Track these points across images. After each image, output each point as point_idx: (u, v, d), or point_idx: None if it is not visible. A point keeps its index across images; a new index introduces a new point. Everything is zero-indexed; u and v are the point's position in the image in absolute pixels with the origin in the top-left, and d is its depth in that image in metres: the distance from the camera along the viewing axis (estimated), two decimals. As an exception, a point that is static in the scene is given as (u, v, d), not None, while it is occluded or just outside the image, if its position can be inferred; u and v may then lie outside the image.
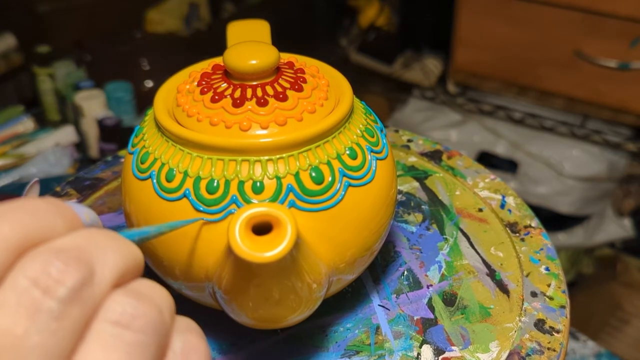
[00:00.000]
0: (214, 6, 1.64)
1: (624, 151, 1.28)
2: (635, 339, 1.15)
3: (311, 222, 0.35)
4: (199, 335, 0.21)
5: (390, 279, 0.46)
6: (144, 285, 0.20)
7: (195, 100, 0.38)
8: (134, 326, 0.19)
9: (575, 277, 1.30)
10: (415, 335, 0.41)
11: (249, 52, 0.37)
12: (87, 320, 0.18)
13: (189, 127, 0.36)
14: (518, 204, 0.52)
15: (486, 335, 0.41)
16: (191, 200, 0.34)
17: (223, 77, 0.38)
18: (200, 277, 0.36)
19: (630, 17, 1.12)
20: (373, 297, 0.44)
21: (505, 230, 0.50)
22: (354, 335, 0.42)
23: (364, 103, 0.42)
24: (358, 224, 0.37)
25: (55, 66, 1.32)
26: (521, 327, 0.41)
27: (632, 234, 1.31)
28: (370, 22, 1.60)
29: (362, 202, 0.37)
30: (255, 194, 0.34)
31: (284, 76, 0.38)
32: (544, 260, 0.46)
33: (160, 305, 0.20)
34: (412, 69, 1.49)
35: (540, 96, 1.30)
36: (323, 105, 0.38)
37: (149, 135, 0.38)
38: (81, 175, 0.56)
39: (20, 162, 1.14)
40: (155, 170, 0.36)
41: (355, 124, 0.38)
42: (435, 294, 0.44)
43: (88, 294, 0.18)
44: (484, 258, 0.47)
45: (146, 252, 0.38)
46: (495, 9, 1.25)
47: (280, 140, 0.35)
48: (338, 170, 0.36)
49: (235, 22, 0.44)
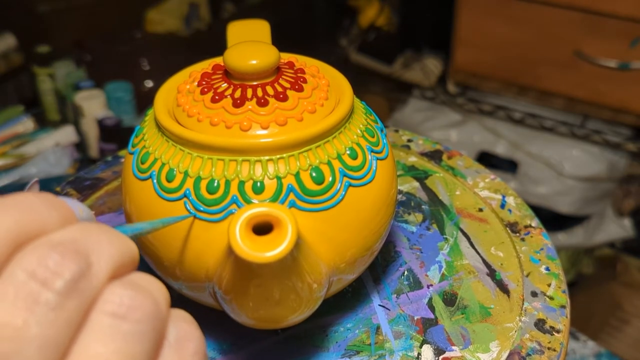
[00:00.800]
0: (214, 6, 1.64)
1: (624, 151, 1.28)
2: (635, 339, 1.15)
3: (311, 222, 0.35)
4: (193, 324, 0.21)
5: (390, 278, 0.46)
6: (140, 278, 0.20)
7: (196, 100, 0.38)
8: (131, 317, 0.19)
9: (575, 277, 1.30)
10: (415, 335, 0.41)
11: (249, 52, 0.37)
12: (85, 311, 0.19)
13: (189, 127, 0.36)
14: (518, 204, 0.52)
15: (486, 335, 0.41)
16: (192, 200, 0.34)
17: (223, 77, 0.38)
18: (201, 277, 0.36)
19: (630, 17, 1.12)
20: (373, 297, 0.44)
21: (506, 230, 0.50)
22: (355, 335, 0.41)
23: (364, 103, 0.42)
24: (358, 223, 0.37)
25: (55, 66, 1.32)
26: (521, 327, 0.41)
27: (632, 234, 1.31)
28: (370, 22, 1.60)
29: (363, 202, 0.37)
30: (256, 194, 0.34)
31: (284, 76, 0.38)
32: (544, 260, 0.46)
33: (157, 296, 0.20)
34: (412, 69, 1.49)
35: (540, 96, 1.30)
36: (323, 105, 0.38)
37: (149, 136, 0.38)
38: (81, 175, 0.56)
39: (20, 162, 1.14)
40: (155, 171, 0.36)
41: (355, 124, 0.38)
42: (436, 294, 0.44)
43: (85, 285, 0.18)
44: (484, 258, 0.47)
45: (147, 252, 0.38)
46: (495, 9, 1.25)
47: (280, 140, 0.34)
48: (338, 170, 0.36)
49: (235, 22, 0.44)
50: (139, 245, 0.36)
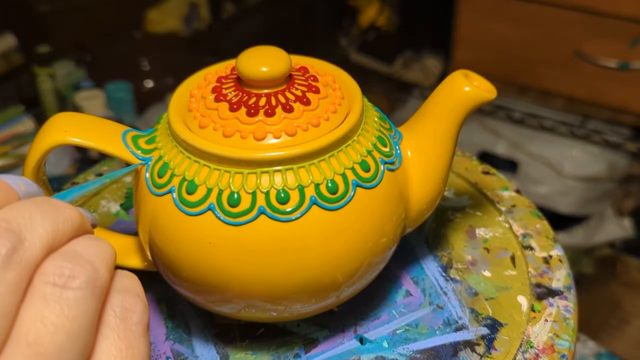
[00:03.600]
0: (214, 6, 1.64)
1: (624, 151, 1.28)
2: (635, 339, 1.15)
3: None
4: (137, 296, 0.24)
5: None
6: (82, 245, 0.23)
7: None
8: (71, 285, 0.21)
9: (575, 277, 1.30)
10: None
11: (260, 59, 0.36)
12: (26, 283, 0.21)
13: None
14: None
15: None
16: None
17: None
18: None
19: (630, 17, 1.12)
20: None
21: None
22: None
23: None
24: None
25: (55, 66, 1.32)
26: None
27: (632, 234, 1.31)
28: (370, 22, 1.60)
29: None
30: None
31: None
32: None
33: (96, 263, 0.22)
34: (412, 69, 1.49)
35: (540, 96, 1.30)
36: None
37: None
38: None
39: (20, 162, 1.14)
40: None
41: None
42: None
43: (20, 258, 0.20)
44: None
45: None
46: (495, 8, 1.25)
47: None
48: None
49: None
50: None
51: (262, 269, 0.35)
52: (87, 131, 0.37)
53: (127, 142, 0.37)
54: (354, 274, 0.37)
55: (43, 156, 0.37)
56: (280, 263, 0.35)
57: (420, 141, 0.40)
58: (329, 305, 0.39)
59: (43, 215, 0.22)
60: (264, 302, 0.36)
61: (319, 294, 0.37)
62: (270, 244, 0.34)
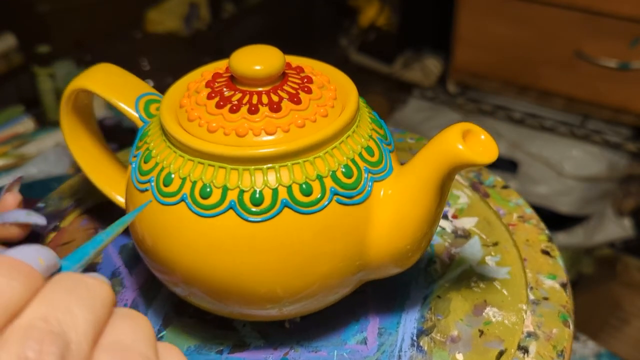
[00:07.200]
0: (214, 6, 1.64)
1: (624, 151, 1.28)
2: (635, 339, 1.15)
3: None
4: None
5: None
6: (122, 330, 0.20)
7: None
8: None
9: (575, 277, 1.30)
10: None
11: (254, 57, 0.37)
12: None
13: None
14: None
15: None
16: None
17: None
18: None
19: (630, 17, 1.12)
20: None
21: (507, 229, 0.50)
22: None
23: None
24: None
25: (55, 66, 1.32)
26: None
27: (632, 234, 1.31)
28: (370, 22, 1.60)
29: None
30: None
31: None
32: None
33: (142, 349, 0.20)
34: (412, 69, 1.49)
35: (540, 96, 1.30)
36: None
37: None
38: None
39: (20, 162, 1.14)
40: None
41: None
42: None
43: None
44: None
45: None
46: (495, 9, 1.25)
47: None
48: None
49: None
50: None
51: (207, 262, 0.35)
52: (110, 85, 0.42)
53: (138, 104, 0.41)
54: (296, 292, 0.36)
55: (71, 95, 0.43)
56: (226, 261, 0.35)
57: (400, 182, 0.37)
58: (274, 317, 0.39)
59: (79, 302, 0.19)
60: (203, 294, 0.37)
61: (256, 302, 0.37)
62: (230, 240, 0.35)
